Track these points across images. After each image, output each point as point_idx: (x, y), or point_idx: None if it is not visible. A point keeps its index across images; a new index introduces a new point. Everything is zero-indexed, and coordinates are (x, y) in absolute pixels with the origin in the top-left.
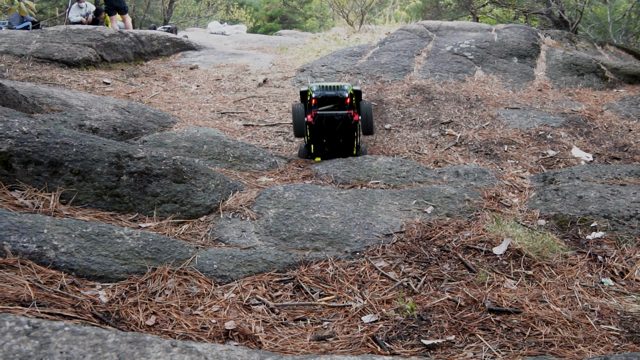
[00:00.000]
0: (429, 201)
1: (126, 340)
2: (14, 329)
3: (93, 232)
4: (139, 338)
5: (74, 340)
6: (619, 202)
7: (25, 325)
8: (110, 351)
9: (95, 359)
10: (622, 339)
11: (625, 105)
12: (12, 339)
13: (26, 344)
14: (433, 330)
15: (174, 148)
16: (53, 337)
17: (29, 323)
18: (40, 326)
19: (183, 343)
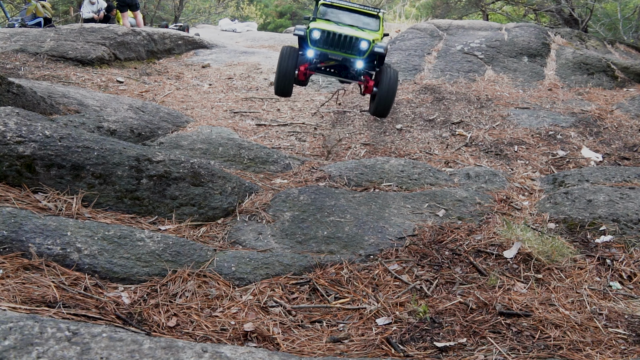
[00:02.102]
0: (440, 204)
1: (160, 346)
2: (56, 335)
3: (115, 234)
4: (172, 344)
5: (112, 346)
6: (628, 205)
7: (66, 332)
8: (146, 357)
9: None
10: (629, 342)
11: (635, 104)
12: (55, 345)
13: (68, 349)
14: (445, 332)
15: (190, 150)
16: (92, 343)
17: (68, 329)
18: (80, 332)
19: (213, 348)
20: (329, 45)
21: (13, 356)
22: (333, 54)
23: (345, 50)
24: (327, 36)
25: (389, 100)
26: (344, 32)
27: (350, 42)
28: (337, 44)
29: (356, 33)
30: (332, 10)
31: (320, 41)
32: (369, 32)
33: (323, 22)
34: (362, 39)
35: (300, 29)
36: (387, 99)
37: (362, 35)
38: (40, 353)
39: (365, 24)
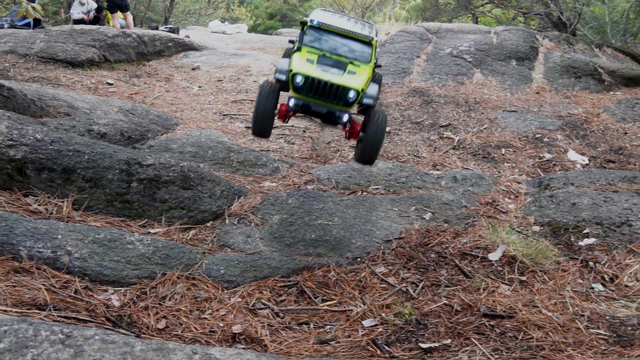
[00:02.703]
0: (427, 207)
1: (152, 348)
2: (50, 337)
3: (105, 238)
4: (163, 346)
5: (104, 348)
6: (611, 209)
7: (60, 334)
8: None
9: None
10: (610, 342)
11: (621, 108)
12: (49, 347)
13: (62, 352)
14: (430, 334)
15: (180, 153)
16: (86, 345)
17: (62, 332)
18: (73, 335)
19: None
20: (312, 94)
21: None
22: (317, 104)
23: (331, 100)
24: (311, 83)
25: (376, 148)
26: (331, 80)
27: (337, 91)
28: (322, 92)
29: (344, 80)
30: (321, 35)
31: (303, 89)
32: (360, 69)
33: (308, 52)
34: (350, 89)
35: (282, 70)
36: (374, 146)
37: (351, 82)
38: (35, 355)
39: (356, 55)
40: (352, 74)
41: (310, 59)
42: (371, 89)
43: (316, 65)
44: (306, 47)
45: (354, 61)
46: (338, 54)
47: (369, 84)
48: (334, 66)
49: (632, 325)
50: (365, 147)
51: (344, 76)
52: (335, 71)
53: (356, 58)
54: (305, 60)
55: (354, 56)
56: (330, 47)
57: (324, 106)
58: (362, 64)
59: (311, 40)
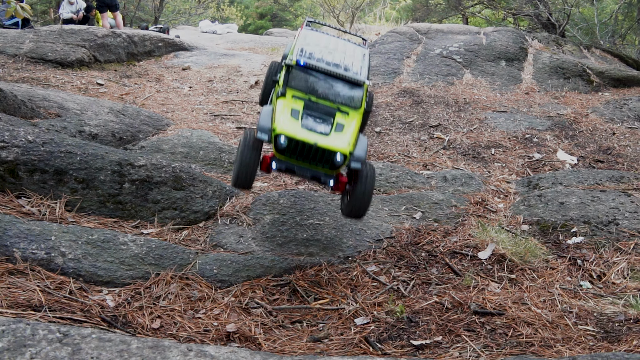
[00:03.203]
0: (417, 207)
1: (147, 346)
2: (48, 336)
3: (99, 239)
4: (158, 344)
5: (101, 346)
6: (599, 208)
7: (57, 333)
8: (135, 356)
9: None
10: (597, 338)
11: (609, 108)
12: (47, 346)
13: (60, 350)
14: (421, 331)
15: (172, 154)
16: (83, 343)
17: (59, 331)
18: (70, 334)
19: (197, 347)
20: (297, 156)
21: (7, 357)
22: (301, 167)
23: (317, 163)
24: (295, 146)
25: (366, 203)
26: (317, 143)
27: (323, 155)
28: (308, 155)
29: (331, 142)
30: (308, 75)
31: (286, 151)
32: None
33: (294, 99)
34: (336, 153)
35: (264, 129)
36: (364, 202)
37: (338, 144)
38: (34, 354)
39: (345, 98)
40: (340, 131)
41: (295, 110)
42: (359, 148)
43: (302, 118)
44: (291, 89)
45: (342, 107)
46: (326, 98)
47: (357, 138)
48: (321, 118)
49: (619, 321)
50: (354, 203)
51: (331, 135)
52: (322, 127)
53: (345, 103)
54: (290, 115)
55: (342, 100)
56: (318, 89)
57: (308, 170)
58: (351, 111)
59: (297, 82)
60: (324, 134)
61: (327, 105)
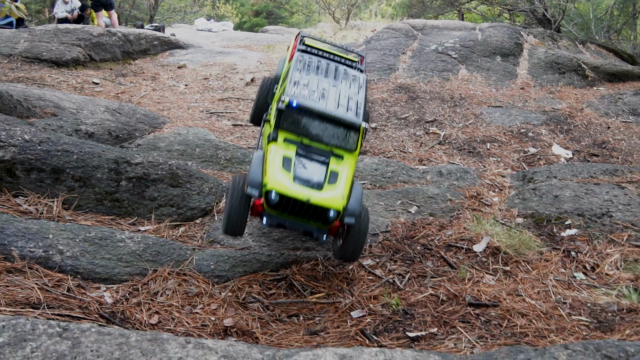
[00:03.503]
0: (413, 201)
1: (146, 339)
2: (48, 331)
3: (96, 236)
4: (157, 336)
5: (101, 339)
6: (593, 200)
7: (57, 328)
8: (134, 348)
9: (122, 355)
10: (591, 328)
11: (604, 103)
12: (47, 340)
13: (60, 344)
14: (417, 323)
15: (168, 152)
16: (82, 337)
17: (59, 325)
18: (70, 328)
19: (196, 340)
20: (289, 212)
21: (8, 352)
22: (293, 222)
23: (309, 218)
24: (287, 202)
25: (359, 247)
26: (310, 199)
27: (316, 211)
28: (300, 211)
29: (324, 198)
30: (302, 117)
31: (278, 206)
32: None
33: (286, 144)
34: (330, 210)
35: (255, 183)
36: (358, 246)
37: (332, 200)
38: (34, 348)
39: (340, 141)
40: (334, 182)
41: (287, 158)
42: (354, 200)
43: (294, 168)
44: (283, 132)
45: (337, 150)
46: (320, 140)
47: (352, 187)
48: (314, 165)
49: (612, 311)
50: (347, 248)
51: (324, 188)
52: (316, 177)
53: (340, 145)
54: (282, 166)
55: (337, 142)
56: (312, 130)
57: (300, 224)
58: (346, 154)
59: (289, 123)
60: (316, 187)
61: (321, 148)
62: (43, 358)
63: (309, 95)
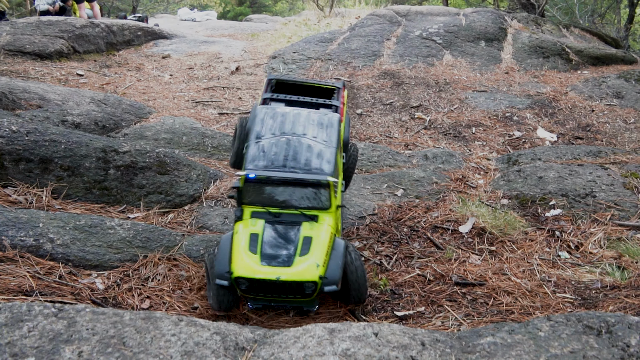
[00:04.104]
0: (399, 184)
1: (140, 317)
2: (43, 311)
3: (86, 224)
4: (150, 315)
5: (96, 319)
6: (576, 181)
7: (52, 309)
8: (128, 326)
9: (117, 333)
10: (575, 305)
11: (588, 86)
12: (43, 320)
13: (56, 323)
14: (405, 302)
15: (155, 140)
16: (78, 317)
17: (54, 307)
18: (65, 309)
19: (188, 318)
20: (264, 294)
21: (6, 331)
22: (278, 301)
23: (287, 295)
24: (258, 285)
25: (362, 290)
26: (281, 277)
27: (291, 288)
28: (275, 290)
29: (296, 272)
30: (266, 187)
31: (251, 290)
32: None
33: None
34: (304, 283)
35: (222, 274)
36: (358, 290)
37: (305, 272)
38: (31, 328)
39: (311, 202)
40: (306, 252)
41: (254, 235)
42: (333, 266)
43: (261, 247)
44: (248, 206)
45: (308, 212)
46: (288, 206)
47: (330, 251)
48: (284, 237)
49: (596, 288)
50: (351, 294)
51: (295, 262)
52: (286, 252)
53: (312, 206)
54: (248, 248)
55: (308, 204)
56: (278, 197)
57: (286, 302)
58: (320, 213)
59: (252, 195)
60: (286, 263)
61: (290, 213)
62: (40, 337)
63: (271, 159)
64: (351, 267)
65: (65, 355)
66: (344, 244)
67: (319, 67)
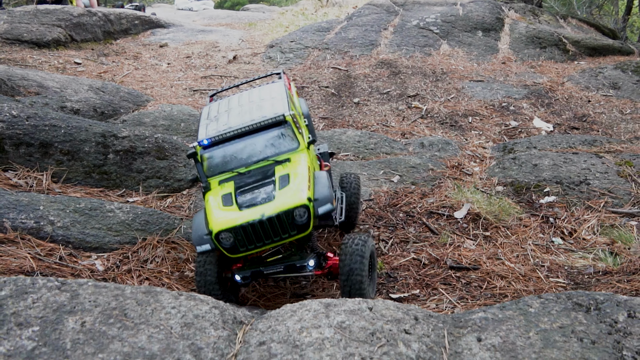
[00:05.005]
0: (395, 171)
1: (141, 291)
2: (47, 284)
3: (86, 207)
4: (150, 289)
5: (97, 292)
6: (571, 169)
7: (55, 282)
8: (129, 299)
9: (118, 305)
10: (568, 289)
11: (585, 77)
12: (47, 292)
13: (60, 295)
14: (400, 285)
15: (153, 127)
16: (80, 290)
17: (57, 280)
18: (68, 282)
19: (188, 293)
20: (254, 244)
21: (11, 302)
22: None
23: (279, 237)
24: (244, 234)
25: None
26: (265, 213)
27: (281, 222)
28: (265, 234)
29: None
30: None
31: (238, 246)
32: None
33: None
34: (294, 209)
35: (201, 238)
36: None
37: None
38: (35, 299)
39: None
40: (286, 184)
41: (226, 195)
42: (320, 187)
43: (236, 198)
44: (214, 177)
45: (278, 157)
46: (255, 160)
47: (313, 179)
48: (258, 185)
49: (588, 273)
50: (343, 288)
51: (277, 196)
52: (264, 194)
53: (279, 152)
54: (222, 204)
55: (275, 151)
56: (241, 156)
57: (277, 264)
58: (291, 155)
59: (214, 165)
60: (267, 200)
61: (260, 167)
62: (44, 307)
63: (224, 122)
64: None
65: (68, 325)
66: (326, 173)
67: (316, 56)
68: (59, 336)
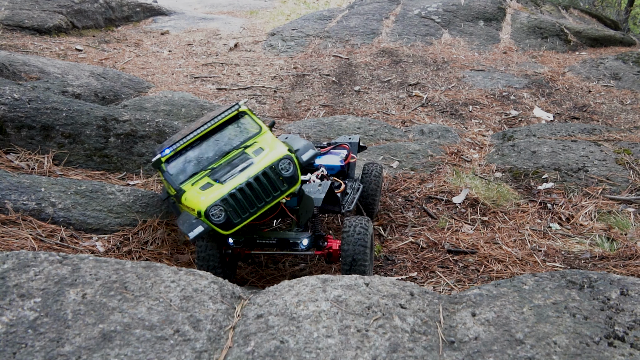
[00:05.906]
0: (395, 156)
1: (141, 266)
2: (49, 258)
3: (87, 189)
4: (150, 265)
5: (98, 266)
6: (569, 156)
7: (57, 256)
8: (130, 273)
9: (119, 278)
10: None
11: (586, 67)
12: (48, 266)
13: (61, 269)
14: (398, 268)
15: (154, 112)
16: (82, 264)
17: (59, 254)
18: (69, 257)
19: (187, 269)
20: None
21: (13, 275)
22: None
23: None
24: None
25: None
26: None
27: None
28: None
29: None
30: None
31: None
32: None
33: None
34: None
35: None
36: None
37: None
38: (37, 272)
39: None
40: (260, 151)
41: (204, 184)
42: (296, 142)
43: (216, 179)
44: (185, 183)
45: (243, 144)
46: (222, 154)
47: (286, 144)
48: (232, 165)
49: (585, 258)
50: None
51: (256, 160)
52: (242, 165)
53: (244, 140)
54: (202, 190)
55: (239, 141)
56: (209, 156)
57: (271, 234)
58: (256, 137)
59: (182, 172)
60: (249, 166)
61: (230, 157)
62: (46, 280)
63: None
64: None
65: (70, 297)
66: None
67: (318, 44)
68: (60, 307)
